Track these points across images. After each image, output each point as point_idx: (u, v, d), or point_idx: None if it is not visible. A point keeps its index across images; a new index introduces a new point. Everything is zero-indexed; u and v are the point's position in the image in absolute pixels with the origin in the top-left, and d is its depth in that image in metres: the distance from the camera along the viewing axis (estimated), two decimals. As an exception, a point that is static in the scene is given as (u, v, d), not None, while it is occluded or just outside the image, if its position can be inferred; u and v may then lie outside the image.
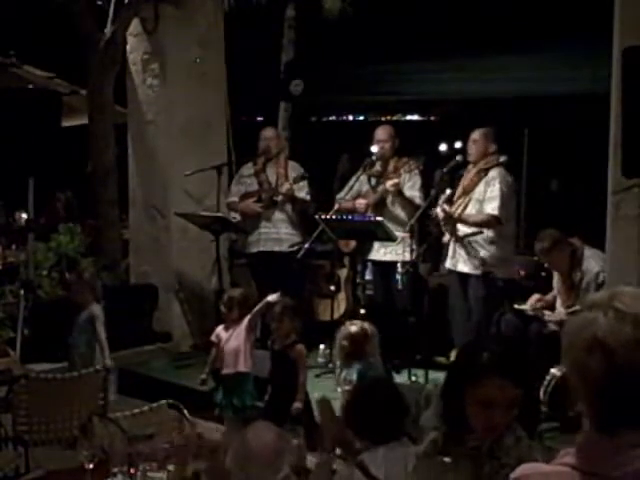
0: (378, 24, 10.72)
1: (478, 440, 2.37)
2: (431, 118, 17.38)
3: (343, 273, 7.62)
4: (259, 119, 13.68)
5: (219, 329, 5.35)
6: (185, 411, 3.66)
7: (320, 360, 6.58)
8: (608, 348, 1.50)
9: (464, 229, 6.16)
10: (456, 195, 6.25)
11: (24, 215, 8.48)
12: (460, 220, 6.11)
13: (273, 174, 7.00)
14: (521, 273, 7.00)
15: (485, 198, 6.04)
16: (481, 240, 6.08)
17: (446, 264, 6.40)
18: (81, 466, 2.91)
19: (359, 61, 11.98)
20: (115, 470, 2.91)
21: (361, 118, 17.65)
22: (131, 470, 2.89)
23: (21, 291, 6.38)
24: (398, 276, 6.34)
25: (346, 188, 6.89)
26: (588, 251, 5.75)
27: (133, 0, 7.34)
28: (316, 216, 6.48)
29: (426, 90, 14.94)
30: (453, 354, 6.12)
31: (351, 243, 7.29)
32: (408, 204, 6.52)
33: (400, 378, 6.00)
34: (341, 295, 7.52)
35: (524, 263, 7.06)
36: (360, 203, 6.67)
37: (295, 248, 6.78)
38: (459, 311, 6.24)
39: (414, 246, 6.20)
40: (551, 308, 5.88)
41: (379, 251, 6.64)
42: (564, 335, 1.60)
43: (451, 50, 11.12)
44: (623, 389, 1.50)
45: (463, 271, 6.16)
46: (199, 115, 7.63)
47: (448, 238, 6.32)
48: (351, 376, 4.58)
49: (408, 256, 6.25)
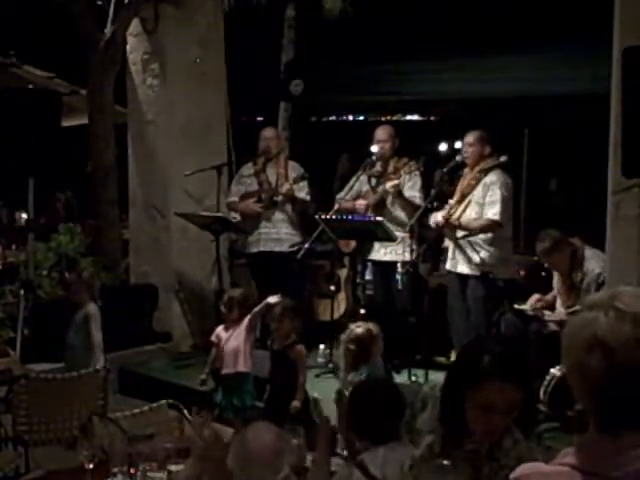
0: (378, 24, 10.72)
1: (476, 443, 2.36)
2: (431, 118, 17.39)
3: (343, 273, 7.62)
4: (259, 119, 13.68)
5: (219, 329, 5.36)
6: (185, 411, 3.66)
7: (320, 360, 6.58)
8: (608, 347, 1.50)
9: (462, 231, 6.16)
10: (454, 198, 6.24)
11: (24, 215, 8.47)
12: (461, 227, 6.10)
13: (273, 174, 6.99)
14: (521, 273, 7.00)
15: (485, 202, 6.03)
16: (480, 241, 6.08)
17: (446, 265, 6.40)
18: (81, 466, 2.91)
19: (359, 61, 11.98)
20: (115, 470, 2.91)
21: (361, 118, 17.67)
22: (131, 470, 2.89)
23: (21, 291, 6.38)
24: (398, 276, 6.34)
25: (346, 188, 6.90)
26: (588, 251, 5.74)
27: (133, 0, 7.34)
28: (316, 216, 6.48)
29: (426, 90, 14.94)
30: (453, 354, 6.13)
31: (351, 243, 7.29)
32: (408, 204, 6.51)
33: (400, 378, 5.99)
34: (341, 295, 7.52)
35: (524, 263, 7.06)
36: (360, 203, 6.67)
37: (295, 248, 6.78)
38: (458, 312, 6.23)
39: (414, 246, 6.20)
40: (551, 308, 5.87)
41: (379, 251, 6.64)
42: (564, 335, 1.59)
43: (451, 50, 11.12)
44: (623, 389, 1.50)
45: (463, 272, 6.15)
46: (199, 115, 7.63)
47: (447, 242, 6.33)
48: (359, 378, 4.48)
49: (408, 256, 6.25)
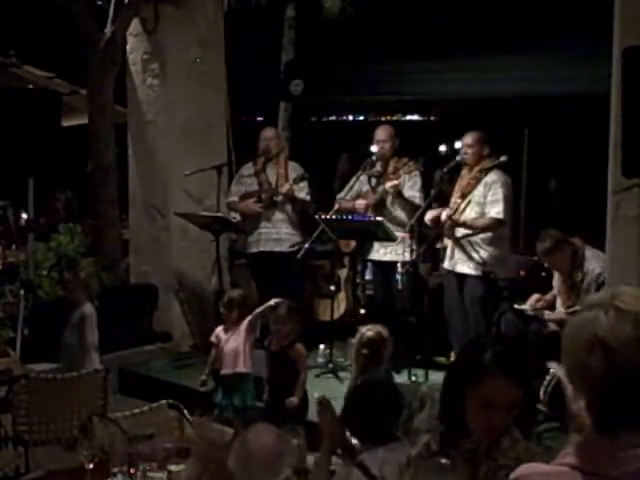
0: (378, 24, 10.73)
1: (475, 442, 2.35)
2: (431, 118, 17.37)
3: (343, 273, 7.62)
4: (259, 119, 13.67)
5: (219, 330, 5.35)
6: (185, 411, 3.66)
7: (320, 360, 6.58)
8: (609, 347, 1.49)
9: (462, 230, 6.16)
10: (453, 198, 6.24)
11: (24, 215, 8.47)
12: (465, 225, 6.09)
13: (273, 174, 6.99)
14: (521, 273, 6.99)
15: (487, 201, 6.02)
16: (479, 241, 6.08)
17: (445, 265, 6.39)
18: (81, 466, 2.91)
19: (359, 61, 11.97)
20: (115, 470, 2.91)
21: (361, 118, 17.64)
22: (131, 470, 2.89)
23: (21, 291, 6.38)
24: (398, 276, 6.34)
25: (346, 188, 6.89)
26: (589, 251, 5.74)
27: (133, 0, 7.34)
28: (316, 216, 6.48)
29: (426, 90, 14.92)
30: (453, 355, 6.12)
31: (351, 243, 7.29)
32: (408, 204, 6.51)
33: (400, 378, 5.99)
34: (341, 295, 7.52)
35: (524, 263, 7.06)
36: (360, 203, 6.67)
37: (295, 248, 6.77)
38: (456, 312, 6.22)
39: (414, 246, 6.20)
40: (551, 308, 5.87)
41: (379, 251, 6.64)
42: (564, 335, 1.59)
43: (451, 50, 11.11)
44: (623, 388, 1.49)
45: (462, 272, 6.15)
46: (199, 115, 7.63)
47: (446, 242, 6.32)
48: None
49: (408, 256, 6.25)
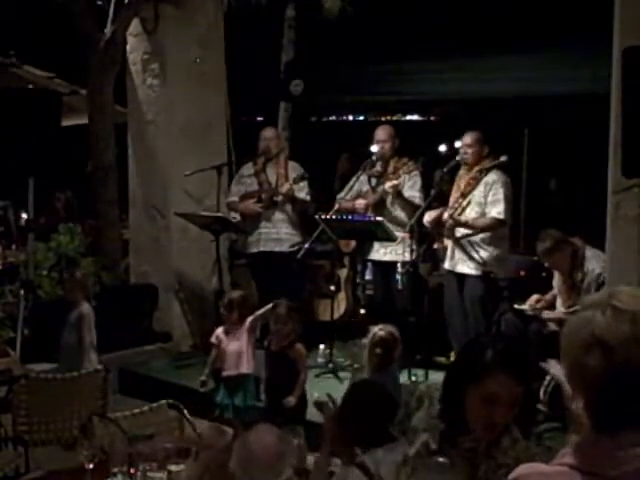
0: (378, 24, 10.72)
1: (474, 441, 2.35)
2: (431, 118, 17.36)
3: (343, 273, 7.62)
4: (259, 119, 13.67)
5: (219, 331, 5.35)
6: (185, 411, 3.66)
7: (320, 360, 6.58)
8: (607, 346, 1.49)
9: (462, 230, 6.16)
10: (452, 198, 6.23)
11: (24, 215, 8.47)
12: (466, 225, 6.09)
13: (273, 174, 6.99)
14: (521, 273, 6.99)
15: (488, 201, 6.02)
16: (479, 240, 6.08)
17: (445, 265, 6.39)
18: (81, 466, 2.91)
19: (359, 61, 11.97)
20: (115, 470, 2.91)
21: (361, 118, 17.63)
22: (131, 470, 2.89)
23: (21, 291, 6.39)
24: (398, 276, 6.34)
25: (346, 188, 6.90)
26: (589, 251, 5.74)
27: (133, 0, 7.34)
28: (316, 216, 6.48)
29: (426, 90, 14.91)
30: (453, 355, 6.12)
31: (351, 243, 7.29)
32: (408, 204, 6.52)
33: (400, 378, 5.98)
34: (341, 295, 7.52)
35: (524, 263, 7.06)
36: (360, 203, 6.67)
37: (295, 248, 6.78)
38: (456, 312, 6.22)
39: (414, 246, 6.20)
40: (551, 308, 5.87)
41: (379, 251, 6.64)
42: (563, 335, 1.59)
43: (451, 50, 11.11)
44: (621, 387, 1.49)
45: (463, 272, 6.15)
46: (199, 115, 7.63)
47: (446, 242, 6.32)
48: (384, 381, 4.45)
49: (408, 256, 6.26)
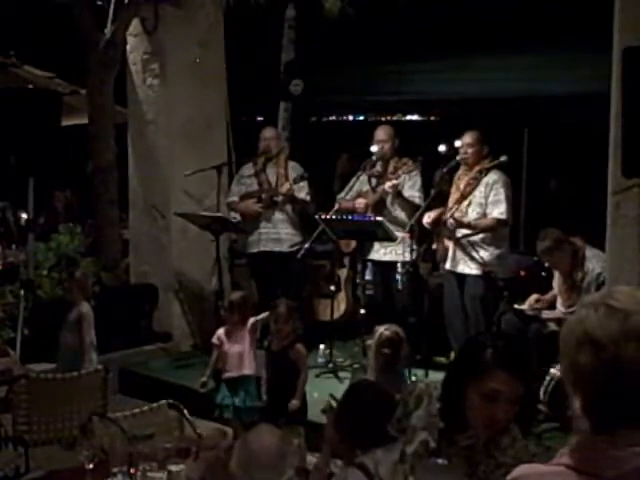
0: (378, 24, 10.72)
1: (473, 439, 2.36)
2: (431, 118, 17.36)
3: (343, 273, 7.62)
4: (259, 119, 13.67)
5: (220, 332, 5.34)
6: (185, 411, 3.66)
7: (320, 360, 6.58)
8: (598, 343, 1.49)
9: (463, 230, 6.15)
10: (452, 198, 6.23)
11: (24, 215, 8.47)
12: (469, 226, 6.09)
13: (273, 174, 7.00)
14: (521, 273, 6.99)
15: (489, 202, 6.02)
16: (479, 240, 6.07)
17: (446, 266, 6.39)
18: (81, 466, 2.92)
19: (359, 61, 11.97)
20: (115, 470, 2.91)
21: (361, 118, 17.63)
22: (131, 470, 2.89)
23: (21, 291, 6.39)
24: (398, 276, 6.35)
25: (346, 188, 6.90)
26: (589, 251, 5.74)
27: (133, 0, 7.34)
28: (316, 216, 6.48)
29: (426, 90, 14.93)
30: (453, 355, 6.12)
31: (351, 243, 7.29)
32: (407, 204, 6.52)
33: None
34: (341, 295, 7.52)
35: (524, 263, 7.05)
36: (360, 203, 6.67)
37: (295, 248, 6.78)
38: (456, 313, 6.22)
39: (414, 246, 6.20)
40: (550, 308, 5.87)
41: (379, 251, 6.64)
42: (560, 336, 1.59)
43: (451, 50, 11.11)
44: (614, 386, 1.49)
45: (463, 272, 6.14)
46: (199, 115, 7.63)
47: (447, 242, 6.31)
48: (392, 381, 4.43)
49: (408, 256, 6.26)
